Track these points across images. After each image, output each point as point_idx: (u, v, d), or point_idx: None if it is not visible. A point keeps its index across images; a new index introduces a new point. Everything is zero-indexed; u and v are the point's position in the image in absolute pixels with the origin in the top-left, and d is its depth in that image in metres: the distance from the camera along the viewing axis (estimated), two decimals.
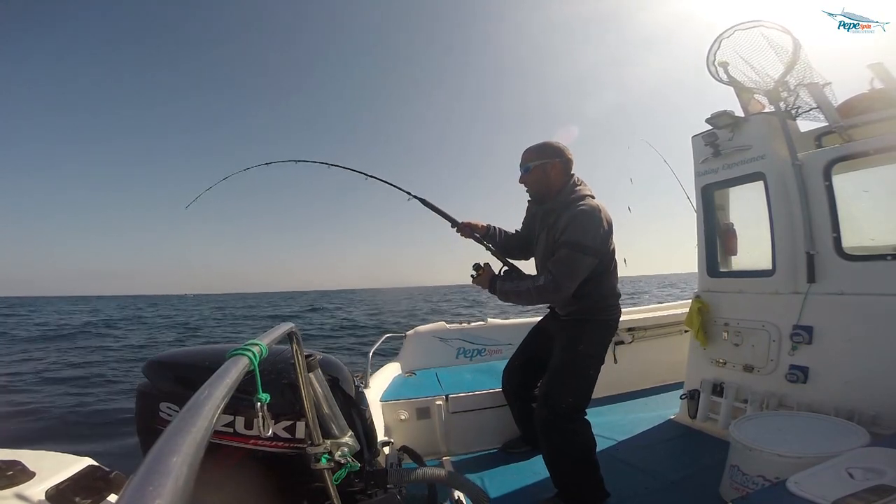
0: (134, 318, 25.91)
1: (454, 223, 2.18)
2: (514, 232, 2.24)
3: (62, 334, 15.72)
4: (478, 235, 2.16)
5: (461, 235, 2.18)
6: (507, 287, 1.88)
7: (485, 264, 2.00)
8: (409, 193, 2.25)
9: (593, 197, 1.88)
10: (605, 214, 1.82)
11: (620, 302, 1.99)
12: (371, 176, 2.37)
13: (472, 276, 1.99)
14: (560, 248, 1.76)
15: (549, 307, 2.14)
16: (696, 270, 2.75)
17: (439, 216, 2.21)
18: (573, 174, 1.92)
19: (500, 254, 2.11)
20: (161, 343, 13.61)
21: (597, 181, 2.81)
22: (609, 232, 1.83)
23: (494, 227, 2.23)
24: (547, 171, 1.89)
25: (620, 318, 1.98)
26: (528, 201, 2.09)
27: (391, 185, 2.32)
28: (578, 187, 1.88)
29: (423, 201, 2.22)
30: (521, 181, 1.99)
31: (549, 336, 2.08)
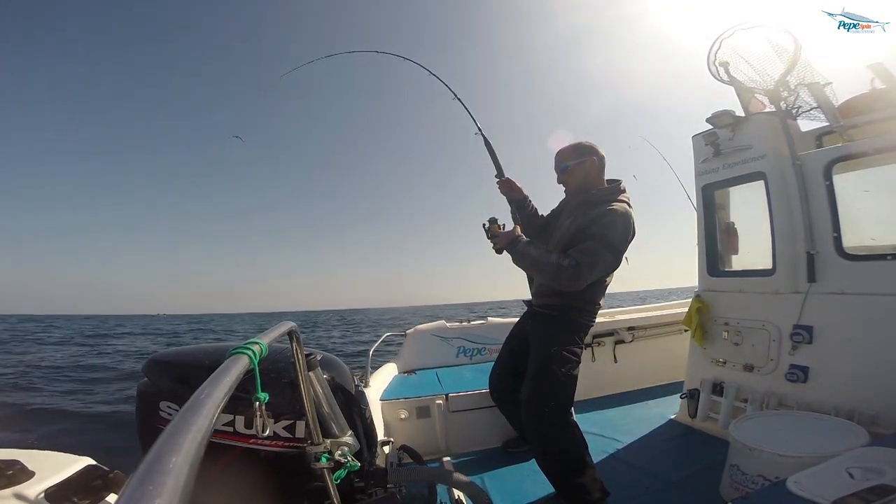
0: None
1: (501, 174, 2.30)
2: (540, 215, 2.30)
3: None
4: (513, 199, 2.25)
5: (499, 189, 2.30)
6: (531, 250, 1.83)
7: (504, 224, 2.00)
8: (479, 128, 2.42)
9: (630, 206, 1.91)
10: (633, 224, 1.85)
11: (605, 310, 1.97)
12: (456, 97, 2.55)
13: (483, 225, 1.96)
14: (587, 239, 1.77)
15: (524, 300, 2.16)
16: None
17: (491, 161, 2.35)
18: (621, 181, 1.98)
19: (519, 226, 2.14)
20: None
21: None
22: (629, 241, 1.85)
23: (531, 201, 2.29)
24: (586, 168, 1.97)
25: (620, 318, 1.97)
26: (566, 193, 2.10)
27: (469, 113, 2.48)
28: (624, 193, 1.93)
29: (486, 140, 2.38)
30: (559, 181, 2.06)
31: (526, 337, 2.06)
